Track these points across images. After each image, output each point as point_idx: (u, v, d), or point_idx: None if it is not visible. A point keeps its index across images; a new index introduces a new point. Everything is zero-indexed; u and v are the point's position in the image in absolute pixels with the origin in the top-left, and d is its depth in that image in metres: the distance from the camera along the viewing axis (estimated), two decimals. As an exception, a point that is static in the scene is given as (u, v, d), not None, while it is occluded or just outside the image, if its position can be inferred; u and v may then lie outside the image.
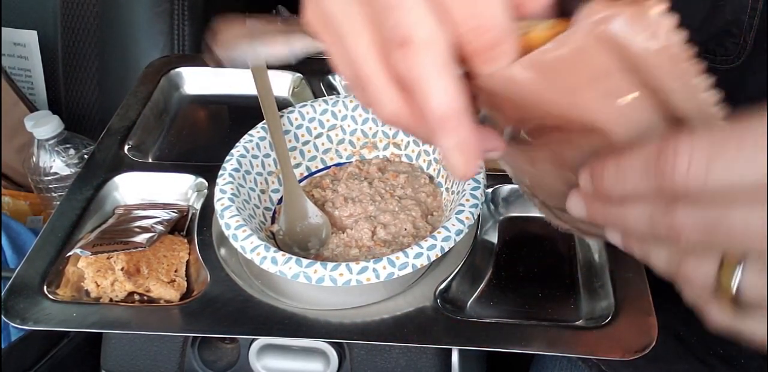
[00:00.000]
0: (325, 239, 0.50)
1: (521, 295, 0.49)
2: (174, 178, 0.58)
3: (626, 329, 0.44)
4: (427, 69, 0.22)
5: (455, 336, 0.44)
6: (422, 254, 0.42)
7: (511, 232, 0.55)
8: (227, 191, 0.48)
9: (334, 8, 0.24)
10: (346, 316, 0.46)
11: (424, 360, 0.48)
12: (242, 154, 0.51)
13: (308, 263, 0.42)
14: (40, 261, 0.50)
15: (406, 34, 0.22)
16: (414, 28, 0.22)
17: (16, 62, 0.92)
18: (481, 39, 0.22)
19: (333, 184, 0.54)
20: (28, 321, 0.46)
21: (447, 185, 0.52)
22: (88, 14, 0.87)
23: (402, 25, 0.22)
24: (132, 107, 0.66)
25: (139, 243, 0.49)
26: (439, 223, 0.50)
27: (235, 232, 0.45)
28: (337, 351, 0.48)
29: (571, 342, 0.44)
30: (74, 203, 0.55)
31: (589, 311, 0.47)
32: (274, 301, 0.47)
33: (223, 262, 0.50)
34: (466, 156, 0.24)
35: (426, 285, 0.48)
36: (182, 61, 0.72)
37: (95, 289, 0.49)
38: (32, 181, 0.72)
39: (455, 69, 0.22)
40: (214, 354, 0.51)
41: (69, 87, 0.92)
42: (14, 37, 0.91)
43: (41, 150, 0.69)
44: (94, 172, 0.58)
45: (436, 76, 0.22)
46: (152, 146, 0.65)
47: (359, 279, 0.41)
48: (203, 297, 0.47)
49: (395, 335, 0.44)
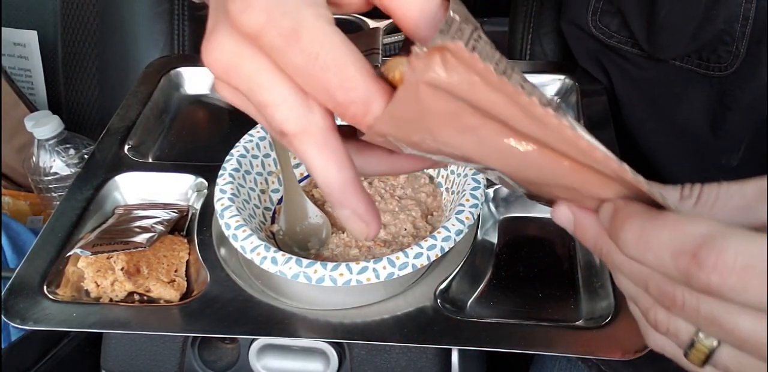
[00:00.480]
0: (325, 239, 0.50)
1: (521, 295, 0.49)
2: (174, 178, 0.58)
3: (626, 329, 0.44)
4: (307, 153, 0.24)
5: (455, 336, 0.44)
6: (422, 254, 0.42)
7: (511, 232, 0.55)
8: (227, 191, 0.48)
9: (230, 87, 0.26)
10: (346, 316, 0.46)
11: (424, 360, 0.48)
12: (242, 154, 0.51)
13: (308, 263, 0.42)
14: (40, 261, 0.50)
15: (280, 128, 0.24)
16: (284, 123, 0.24)
17: (16, 62, 0.92)
18: (348, 112, 0.23)
19: (333, 184, 0.54)
20: (28, 321, 0.46)
21: (447, 185, 0.52)
22: (88, 14, 0.87)
23: (275, 120, 0.24)
24: (132, 107, 0.66)
25: (139, 243, 0.49)
26: (439, 223, 0.50)
27: (235, 232, 0.45)
28: (337, 351, 0.48)
29: (571, 342, 0.44)
30: (74, 203, 0.55)
31: (589, 311, 0.47)
32: (274, 301, 0.47)
33: (223, 262, 0.50)
34: (362, 223, 0.26)
35: (426, 285, 0.48)
36: (182, 61, 0.72)
37: (95, 289, 0.49)
38: (32, 181, 0.72)
39: (335, 145, 0.24)
40: (214, 354, 0.51)
41: (69, 87, 0.92)
42: (14, 37, 0.91)
43: (41, 150, 0.69)
44: (94, 172, 0.58)
45: (316, 157, 0.24)
46: (152, 146, 0.65)
47: (359, 279, 0.41)
48: (203, 297, 0.47)
49: (395, 335, 0.44)
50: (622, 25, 0.58)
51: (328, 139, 0.24)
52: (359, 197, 0.25)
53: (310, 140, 0.24)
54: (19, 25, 0.90)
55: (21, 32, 0.91)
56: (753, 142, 0.53)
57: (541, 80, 0.68)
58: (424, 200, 0.52)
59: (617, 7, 0.58)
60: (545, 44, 0.72)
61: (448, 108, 0.21)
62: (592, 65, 0.65)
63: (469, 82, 0.20)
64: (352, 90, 0.22)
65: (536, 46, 0.72)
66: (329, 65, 0.22)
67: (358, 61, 0.23)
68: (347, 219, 0.25)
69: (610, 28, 0.60)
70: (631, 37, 0.58)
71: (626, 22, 0.57)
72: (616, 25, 0.59)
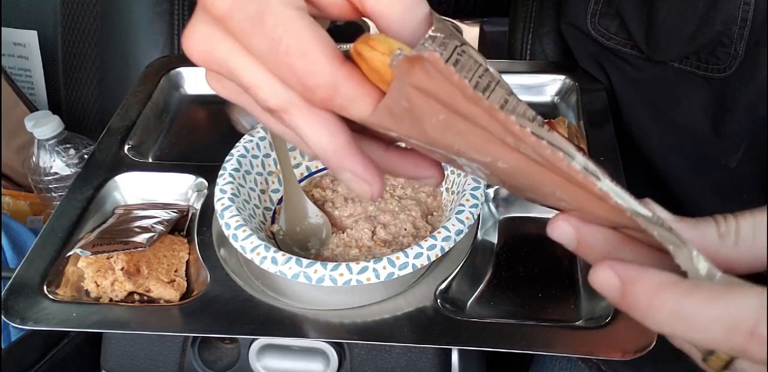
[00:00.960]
0: (325, 239, 0.50)
1: (521, 295, 0.49)
2: (174, 178, 0.58)
3: (626, 329, 0.44)
4: (297, 125, 0.24)
5: (455, 336, 0.44)
6: (422, 254, 0.42)
7: (511, 232, 0.55)
8: (227, 191, 0.48)
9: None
10: (346, 316, 0.46)
11: (424, 360, 0.48)
12: (242, 154, 0.51)
13: (308, 263, 0.42)
14: (40, 261, 0.50)
15: (266, 106, 0.24)
16: (268, 100, 0.24)
17: (16, 62, 0.92)
18: (316, 96, 0.23)
19: (333, 184, 0.54)
20: (28, 321, 0.46)
21: (447, 185, 0.52)
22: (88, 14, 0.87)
23: (260, 99, 0.24)
24: (132, 107, 0.66)
25: (140, 243, 0.49)
26: (439, 223, 0.50)
27: (235, 232, 0.45)
28: (337, 351, 0.48)
29: (571, 342, 0.44)
30: (74, 203, 0.55)
31: (589, 311, 0.47)
32: (274, 301, 0.47)
33: (223, 262, 0.50)
34: (365, 183, 0.26)
35: (426, 285, 0.48)
36: (182, 61, 0.72)
37: (95, 289, 0.49)
38: (32, 181, 0.72)
39: (323, 113, 0.24)
40: (214, 354, 0.51)
41: (69, 87, 0.92)
42: (14, 37, 0.91)
43: (41, 150, 0.69)
44: (94, 172, 0.58)
45: (306, 127, 0.24)
46: (152, 146, 0.65)
47: (359, 279, 0.41)
48: (203, 297, 0.47)
49: (395, 335, 0.44)
50: (621, 27, 0.59)
51: (314, 108, 0.24)
52: (356, 159, 0.25)
53: (296, 112, 0.24)
54: (19, 25, 0.90)
55: (21, 32, 0.91)
56: (752, 143, 0.53)
57: (541, 80, 0.68)
58: (424, 200, 0.52)
59: (616, 10, 0.58)
60: (545, 44, 0.72)
61: (435, 109, 0.21)
62: (591, 66, 0.65)
63: (449, 92, 0.20)
64: (317, 74, 0.22)
65: (536, 46, 0.72)
66: (293, 49, 0.22)
67: (324, 45, 0.23)
68: (349, 182, 0.25)
69: (609, 30, 0.60)
70: (630, 39, 0.58)
71: (625, 24, 0.58)
72: (614, 27, 0.59)
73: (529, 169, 0.23)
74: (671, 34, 0.52)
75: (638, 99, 0.61)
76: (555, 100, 0.68)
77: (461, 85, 0.20)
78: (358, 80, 0.23)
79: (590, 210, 0.24)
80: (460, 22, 0.89)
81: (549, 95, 0.68)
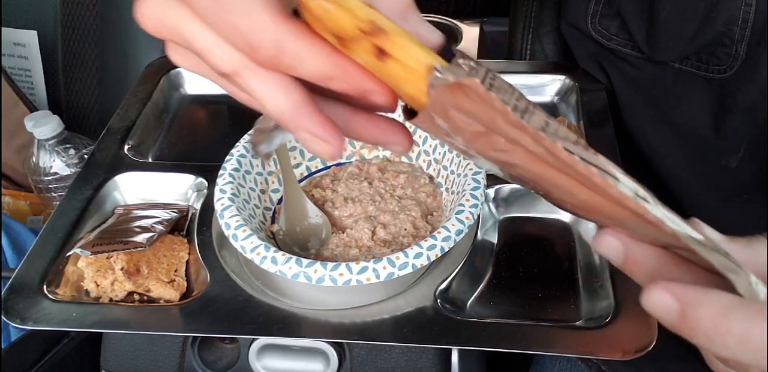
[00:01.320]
0: (325, 239, 0.50)
1: (521, 295, 0.49)
2: (174, 178, 0.58)
3: (626, 329, 0.44)
4: (251, 86, 0.24)
5: (455, 336, 0.44)
6: (422, 254, 0.42)
7: (511, 232, 0.55)
8: (227, 191, 0.48)
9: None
10: (346, 316, 0.46)
11: (424, 360, 0.48)
12: (242, 154, 0.51)
13: (308, 263, 0.42)
14: (40, 261, 0.50)
15: (220, 71, 0.24)
16: (221, 64, 0.24)
17: (16, 62, 0.92)
18: (262, 56, 0.23)
19: (333, 184, 0.54)
20: (28, 321, 0.46)
21: (447, 185, 0.52)
22: (88, 14, 0.87)
23: (213, 64, 0.24)
24: (132, 107, 0.66)
25: (139, 243, 0.49)
26: (439, 223, 0.50)
27: (235, 232, 0.45)
28: (337, 351, 0.48)
29: (571, 342, 0.44)
30: (74, 203, 0.55)
31: (589, 311, 0.47)
32: (274, 301, 0.47)
33: (223, 262, 0.50)
34: (323, 142, 0.25)
35: (426, 285, 0.48)
36: (182, 61, 0.72)
37: (95, 289, 0.49)
38: (32, 181, 0.72)
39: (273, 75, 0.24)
40: (214, 354, 0.51)
41: (69, 87, 0.92)
42: (14, 37, 0.91)
43: (41, 150, 0.69)
44: (94, 172, 0.58)
45: (260, 87, 0.24)
46: (152, 146, 0.65)
47: (359, 279, 0.41)
48: (203, 297, 0.47)
49: (395, 335, 0.44)
50: (622, 27, 0.58)
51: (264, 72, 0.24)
52: (313, 117, 0.24)
53: (248, 74, 0.24)
54: (19, 25, 0.90)
55: (21, 32, 0.91)
56: (753, 143, 0.53)
57: (541, 80, 0.68)
58: (424, 200, 0.52)
59: (616, 10, 0.58)
60: (545, 44, 0.72)
61: (476, 129, 0.22)
62: (592, 67, 0.65)
63: (490, 116, 0.21)
64: (260, 31, 0.22)
65: (536, 46, 0.72)
66: (236, 7, 0.22)
67: (267, 1, 0.22)
68: (306, 142, 0.25)
69: (609, 30, 0.60)
70: (630, 40, 0.58)
71: (625, 25, 0.58)
72: (615, 27, 0.59)
73: (572, 190, 0.23)
74: (672, 34, 0.52)
75: (638, 99, 0.61)
76: (555, 100, 0.68)
77: (503, 110, 0.20)
78: (303, 36, 0.22)
79: (634, 228, 0.23)
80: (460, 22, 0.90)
81: (549, 95, 0.68)
